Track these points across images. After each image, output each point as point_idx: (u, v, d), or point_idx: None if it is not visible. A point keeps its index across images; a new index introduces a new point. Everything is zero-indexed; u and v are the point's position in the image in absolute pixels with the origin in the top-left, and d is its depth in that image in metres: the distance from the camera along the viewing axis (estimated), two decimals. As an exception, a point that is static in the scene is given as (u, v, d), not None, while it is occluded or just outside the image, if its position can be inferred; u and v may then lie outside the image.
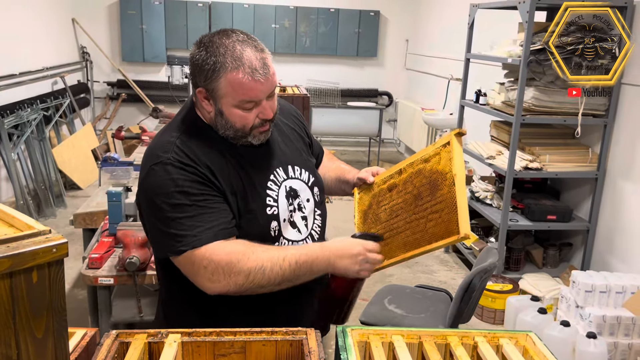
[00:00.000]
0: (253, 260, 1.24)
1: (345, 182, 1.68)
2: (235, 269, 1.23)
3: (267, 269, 1.24)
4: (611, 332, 2.81)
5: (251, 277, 1.23)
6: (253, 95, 1.28)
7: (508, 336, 1.21)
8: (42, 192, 5.02)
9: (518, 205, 3.71)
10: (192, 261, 1.23)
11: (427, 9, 7.18)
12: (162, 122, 5.27)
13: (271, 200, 1.36)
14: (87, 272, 2.12)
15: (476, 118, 4.58)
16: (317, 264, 1.30)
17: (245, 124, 1.31)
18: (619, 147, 3.36)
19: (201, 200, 1.26)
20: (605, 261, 3.46)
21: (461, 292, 2.33)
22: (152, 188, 1.27)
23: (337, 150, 7.25)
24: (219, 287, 1.24)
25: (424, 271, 4.12)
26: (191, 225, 1.23)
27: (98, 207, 2.82)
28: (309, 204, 1.45)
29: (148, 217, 1.31)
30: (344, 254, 1.32)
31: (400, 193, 1.48)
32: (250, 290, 1.26)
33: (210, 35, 1.30)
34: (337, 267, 1.32)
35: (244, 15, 7.41)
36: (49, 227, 0.90)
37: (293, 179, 1.43)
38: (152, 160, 1.28)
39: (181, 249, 1.23)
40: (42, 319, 0.87)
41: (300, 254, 1.29)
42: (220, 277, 1.23)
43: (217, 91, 1.27)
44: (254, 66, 1.25)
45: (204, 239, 1.23)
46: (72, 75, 6.76)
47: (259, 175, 1.36)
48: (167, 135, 1.33)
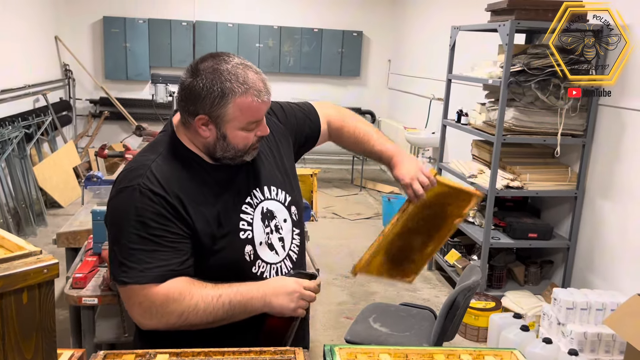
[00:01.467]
0: (188, 301, 1.25)
1: (370, 152, 1.69)
2: (169, 309, 1.24)
3: (201, 309, 1.26)
4: (592, 348, 2.85)
5: (183, 317, 1.25)
6: (259, 116, 1.32)
7: (493, 354, 1.23)
8: (22, 210, 4.96)
9: (500, 224, 3.76)
10: (129, 294, 1.25)
11: (409, 30, 7.30)
12: (145, 140, 5.25)
13: (245, 224, 1.36)
14: (71, 292, 2.09)
15: (458, 137, 4.65)
16: (252, 303, 1.30)
17: (246, 144, 1.33)
18: (598, 167, 3.43)
19: (158, 236, 1.25)
20: (585, 278, 3.51)
21: (445, 310, 2.35)
22: (115, 211, 1.29)
23: (321, 168, 7.27)
24: (151, 324, 1.27)
25: (408, 289, 4.13)
26: (140, 259, 1.24)
27: (81, 226, 2.80)
28: (286, 224, 1.45)
29: (108, 236, 1.32)
30: (279, 292, 1.32)
31: (413, 226, 1.60)
32: (183, 328, 1.27)
33: (203, 61, 1.29)
34: (273, 305, 1.31)
35: (228, 34, 7.46)
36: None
37: (269, 200, 1.43)
38: (123, 183, 1.29)
39: (124, 279, 1.24)
40: (32, 339, 0.87)
41: (236, 292, 1.29)
42: (152, 316, 1.25)
43: (224, 117, 1.28)
44: (259, 88, 1.29)
45: (149, 277, 1.23)
46: (55, 93, 6.72)
47: (235, 199, 1.37)
48: (144, 158, 1.33)
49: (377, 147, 1.66)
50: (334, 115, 1.69)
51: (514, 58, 3.37)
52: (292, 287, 1.33)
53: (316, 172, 3.13)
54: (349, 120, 1.70)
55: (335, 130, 1.69)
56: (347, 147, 1.72)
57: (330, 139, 1.72)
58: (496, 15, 3.56)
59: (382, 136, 1.70)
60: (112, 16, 7.26)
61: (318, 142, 1.68)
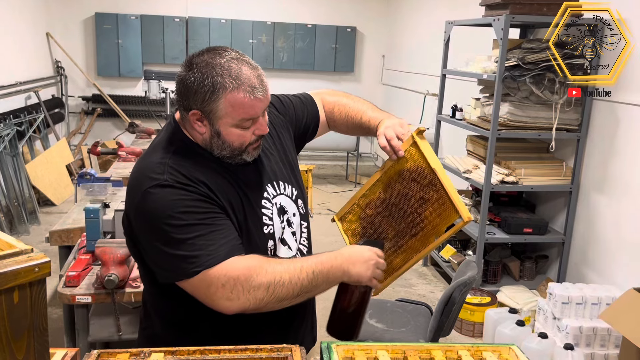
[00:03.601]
0: (271, 273, 1.20)
1: (360, 125, 1.59)
2: (255, 283, 1.18)
3: (286, 281, 1.21)
4: (587, 343, 2.86)
5: (271, 290, 1.19)
6: (253, 113, 1.26)
7: (491, 349, 1.23)
8: (14, 208, 4.92)
9: (495, 219, 3.76)
10: (207, 282, 1.18)
11: (403, 25, 7.29)
12: (138, 137, 5.23)
13: (267, 219, 1.35)
14: (64, 291, 2.07)
15: (453, 133, 4.64)
16: (333, 272, 1.27)
17: (242, 142, 1.28)
18: (592, 161, 3.43)
19: (208, 218, 1.21)
20: (580, 273, 3.52)
21: (441, 306, 2.35)
22: (153, 212, 1.20)
23: (315, 164, 7.26)
24: (238, 304, 1.19)
25: (403, 285, 4.13)
26: (203, 245, 1.18)
27: (74, 224, 2.77)
28: (295, 218, 1.44)
29: (151, 242, 1.23)
30: (357, 260, 1.30)
31: (389, 197, 1.47)
32: (269, 306, 1.21)
33: (199, 55, 1.25)
34: (351, 274, 1.29)
35: (221, 30, 7.42)
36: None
37: (281, 195, 1.41)
38: (147, 183, 1.22)
39: (195, 270, 1.17)
40: (23, 340, 0.85)
41: (316, 263, 1.26)
42: (240, 294, 1.18)
43: (216, 112, 1.24)
44: (253, 84, 1.23)
45: (219, 256, 1.18)
46: (46, 90, 6.67)
47: (253, 194, 1.34)
48: (155, 157, 1.28)
49: (365, 118, 1.58)
50: (328, 98, 1.66)
51: (509, 53, 3.36)
52: (368, 255, 1.32)
53: (311, 169, 3.12)
54: (341, 99, 1.65)
55: (329, 112, 1.64)
56: (342, 127, 1.65)
57: (328, 125, 1.66)
58: (490, 9, 3.56)
59: (377, 109, 1.61)
60: (104, 12, 7.21)
61: (319, 131, 1.64)
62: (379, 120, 1.53)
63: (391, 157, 1.45)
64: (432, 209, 1.39)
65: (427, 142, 1.44)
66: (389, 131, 1.45)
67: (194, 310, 1.27)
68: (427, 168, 1.40)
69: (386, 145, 1.44)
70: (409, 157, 1.43)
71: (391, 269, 1.46)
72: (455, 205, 1.34)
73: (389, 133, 1.44)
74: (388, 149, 1.44)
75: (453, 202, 1.35)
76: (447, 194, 1.36)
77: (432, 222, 1.39)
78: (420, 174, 1.41)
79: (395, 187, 1.46)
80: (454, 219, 1.36)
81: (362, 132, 1.61)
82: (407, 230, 1.43)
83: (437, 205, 1.38)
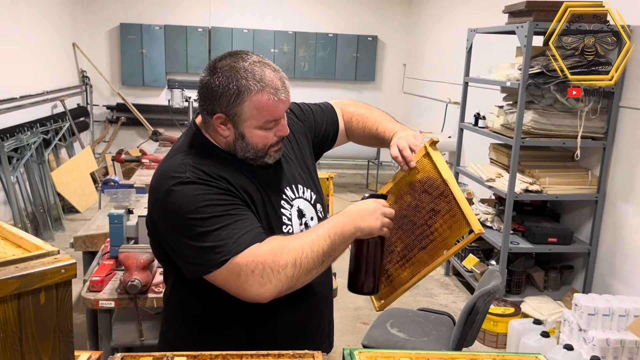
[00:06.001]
0: (293, 249, 1.21)
1: (375, 136, 1.59)
2: (282, 262, 1.19)
3: (309, 252, 1.21)
4: (615, 355, 2.79)
5: (298, 264, 1.20)
6: (277, 115, 1.28)
7: (517, 359, 1.20)
8: (40, 215, 5.00)
9: (518, 228, 3.70)
10: (237, 271, 1.18)
11: (425, 33, 7.27)
12: (161, 145, 5.28)
13: (286, 219, 1.36)
14: (87, 295, 2.09)
15: (475, 141, 4.60)
16: (346, 230, 1.27)
17: (265, 144, 1.30)
18: (619, 170, 3.37)
19: (231, 209, 1.23)
20: (607, 284, 3.45)
21: (465, 315, 2.31)
22: (178, 208, 1.22)
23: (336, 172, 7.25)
24: (271, 288, 1.19)
25: (425, 294, 4.09)
26: (228, 234, 1.19)
27: (98, 230, 2.81)
28: (313, 222, 1.44)
29: (177, 238, 1.24)
30: (364, 214, 1.30)
31: (399, 209, 1.46)
32: (301, 280, 1.22)
33: (222, 59, 1.27)
34: (362, 228, 1.29)
35: (243, 40, 7.48)
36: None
37: (299, 198, 1.42)
38: (170, 182, 1.24)
39: (223, 259, 1.18)
40: (49, 340, 0.86)
41: (329, 227, 1.26)
42: (271, 277, 1.18)
43: (241, 115, 1.26)
44: (276, 86, 1.26)
45: (244, 242, 1.19)
46: (72, 99, 6.80)
47: (273, 194, 1.35)
48: (177, 159, 1.30)
49: (381, 129, 1.57)
50: (348, 109, 1.66)
51: (532, 60, 3.33)
52: (373, 206, 1.32)
53: (332, 176, 3.11)
54: (360, 109, 1.66)
55: (348, 122, 1.64)
56: (358, 137, 1.65)
57: (347, 135, 1.67)
58: (514, 17, 3.53)
59: (394, 121, 1.61)
60: (129, 23, 7.33)
61: (337, 140, 1.64)
62: (394, 131, 1.53)
63: (403, 168, 1.45)
64: (442, 221, 1.38)
65: (439, 153, 1.43)
66: (402, 141, 1.45)
67: (218, 310, 1.28)
68: (439, 179, 1.39)
69: (398, 155, 1.44)
70: (420, 168, 1.43)
71: (398, 283, 1.46)
72: (466, 216, 1.33)
73: (402, 143, 1.44)
74: (400, 159, 1.44)
75: (464, 214, 1.33)
76: (458, 206, 1.34)
77: (442, 234, 1.38)
78: (432, 185, 1.40)
79: (405, 198, 1.46)
80: (464, 231, 1.34)
81: (378, 143, 1.61)
82: (416, 243, 1.42)
83: (447, 217, 1.37)
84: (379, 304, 1.52)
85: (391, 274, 1.48)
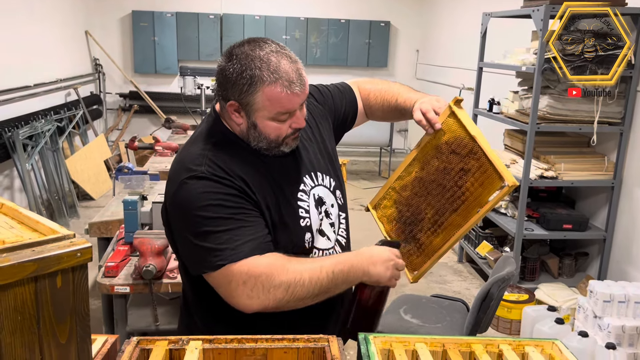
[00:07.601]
0: (292, 272, 1.20)
1: (395, 108, 1.55)
2: (275, 282, 1.18)
3: (306, 280, 1.21)
4: (630, 342, 2.76)
5: (290, 290, 1.19)
6: (290, 107, 1.25)
7: (534, 344, 1.19)
8: (55, 202, 5.05)
9: (533, 215, 3.67)
10: (229, 278, 1.18)
11: (438, 19, 7.19)
12: (174, 132, 5.29)
13: (303, 212, 1.34)
14: (103, 281, 2.11)
15: (490, 127, 4.54)
16: (353, 272, 1.27)
17: (279, 135, 1.28)
18: (636, 155, 3.32)
19: (239, 213, 1.21)
20: (622, 271, 3.41)
21: (479, 302, 2.30)
22: (186, 202, 1.22)
23: (348, 159, 7.23)
24: (257, 303, 1.19)
25: (438, 281, 4.08)
26: (229, 239, 1.18)
27: (113, 216, 2.82)
28: (334, 209, 1.43)
29: (181, 232, 1.25)
30: (376, 260, 1.30)
31: (427, 175, 1.42)
32: (290, 305, 1.21)
33: (240, 46, 1.25)
34: (371, 274, 1.29)
35: (255, 26, 7.45)
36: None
37: (318, 186, 1.41)
38: (184, 174, 1.23)
39: (219, 263, 1.18)
40: (66, 324, 0.86)
41: (337, 262, 1.26)
42: (260, 293, 1.18)
43: (253, 105, 1.23)
44: (291, 78, 1.23)
45: (243, 252, 1.18)
46: (85, 87, 6.82)
47: (289, 186, 1.34)
48: (195, 148, 1.29)
49: (401, 99, 1.53)
50: (365, 86, 1.63)
51: (549, 44, 3.27)
52: (387, 255, 1.32)
53: (345, 163, 3.10)
54: (378, 85, 1.62)
55: (366, 99, 1.61)
56: (378, 112, 1.61)
57: (366, 113, 1.63)
58: (530, 0, 3.47)
59: (412, 91, 1.56)
60: (141, 10, 7.32)
61: (357, 120, 1.62)
62: (415, 99, 1.49)
63: (428, 131, 1.41)
64: (473, 179, 1.33)
65: (465, 111, 1.38)
66: (425, 105, 1.42)
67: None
68: (466, 137, 1.35)
69: (422, 119, 1.40)
70: (446, 129, 1.39)
71: (431, 251, 1.41)
72: (498, 170, 1.29)
73: (425, 106, 1.41)
74: (424, 122, 1.40)
75: (496, 168, 1.29)
76: (489, 161, 1.30)
77: (474, 192, 1.33)
78: (460, 144, 1.36)
79: (432, 163, 1.42)
80: (497, 186, 1.30)
81: (399, 115, 1.57)
82: (447, 206, 1.38)
83: (478, 174, 1.32)
84: (412, 275, 1.46)
85: (422, 242, 1.43)
